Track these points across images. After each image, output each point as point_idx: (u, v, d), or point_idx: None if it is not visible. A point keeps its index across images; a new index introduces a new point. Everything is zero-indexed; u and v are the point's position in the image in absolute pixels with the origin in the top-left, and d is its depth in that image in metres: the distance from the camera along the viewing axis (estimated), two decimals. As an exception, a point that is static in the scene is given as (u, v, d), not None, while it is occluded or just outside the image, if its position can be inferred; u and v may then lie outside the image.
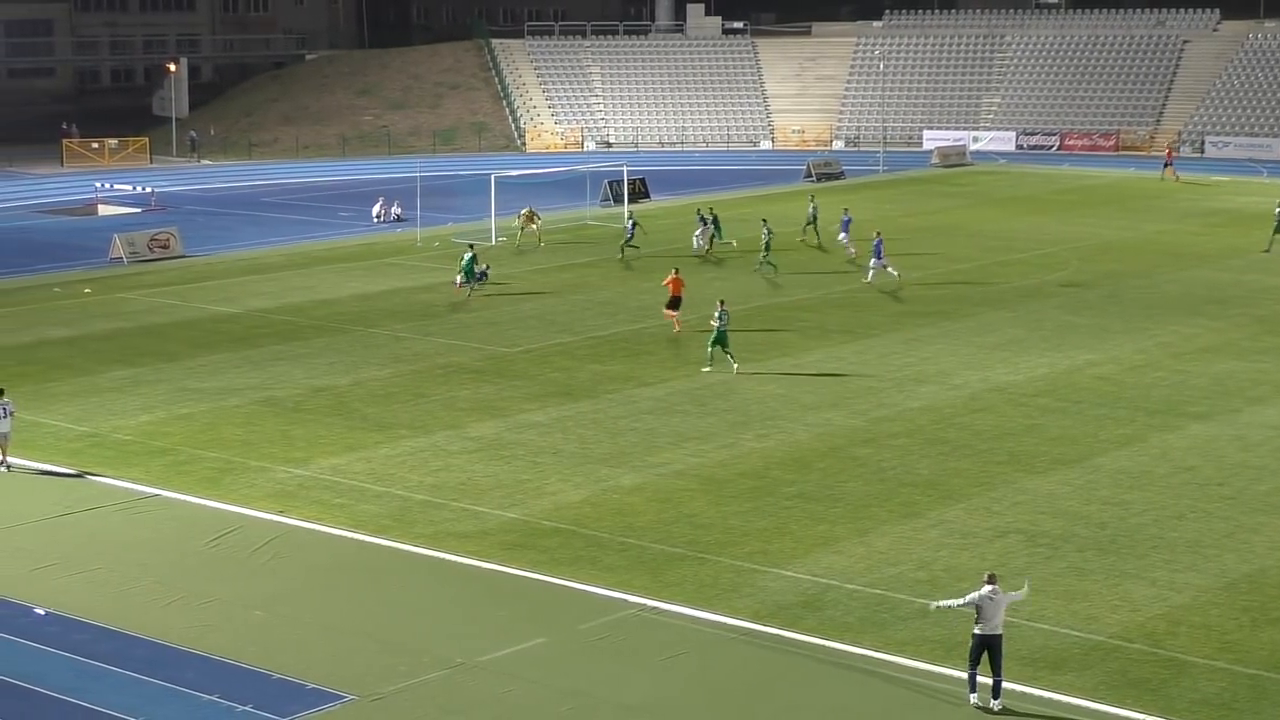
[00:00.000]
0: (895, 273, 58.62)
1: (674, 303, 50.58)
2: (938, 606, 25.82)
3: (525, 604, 29.21)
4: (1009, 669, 25.76)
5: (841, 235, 64.52)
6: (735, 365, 45.47)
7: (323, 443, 39.24)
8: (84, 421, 41.21)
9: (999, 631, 24.92)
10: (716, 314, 45.73)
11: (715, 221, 66.35)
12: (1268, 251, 64.85)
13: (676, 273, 51.53)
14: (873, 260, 58.84)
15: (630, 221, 66.42)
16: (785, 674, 26.22)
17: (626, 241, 64.95)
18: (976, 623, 24.97)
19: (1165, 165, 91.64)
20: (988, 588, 25.00)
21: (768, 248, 60.88)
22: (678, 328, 50.44)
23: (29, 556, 31.56)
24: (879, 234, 60.59)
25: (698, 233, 66.08)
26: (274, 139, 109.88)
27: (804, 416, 41.32)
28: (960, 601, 25.34)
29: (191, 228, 72.59)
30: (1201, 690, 25.40)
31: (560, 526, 33.14)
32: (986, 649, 24.89)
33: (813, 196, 72.54)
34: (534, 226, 68.23)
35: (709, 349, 45.86)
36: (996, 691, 24.88)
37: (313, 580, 30.44)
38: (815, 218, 67.73)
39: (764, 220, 62.70)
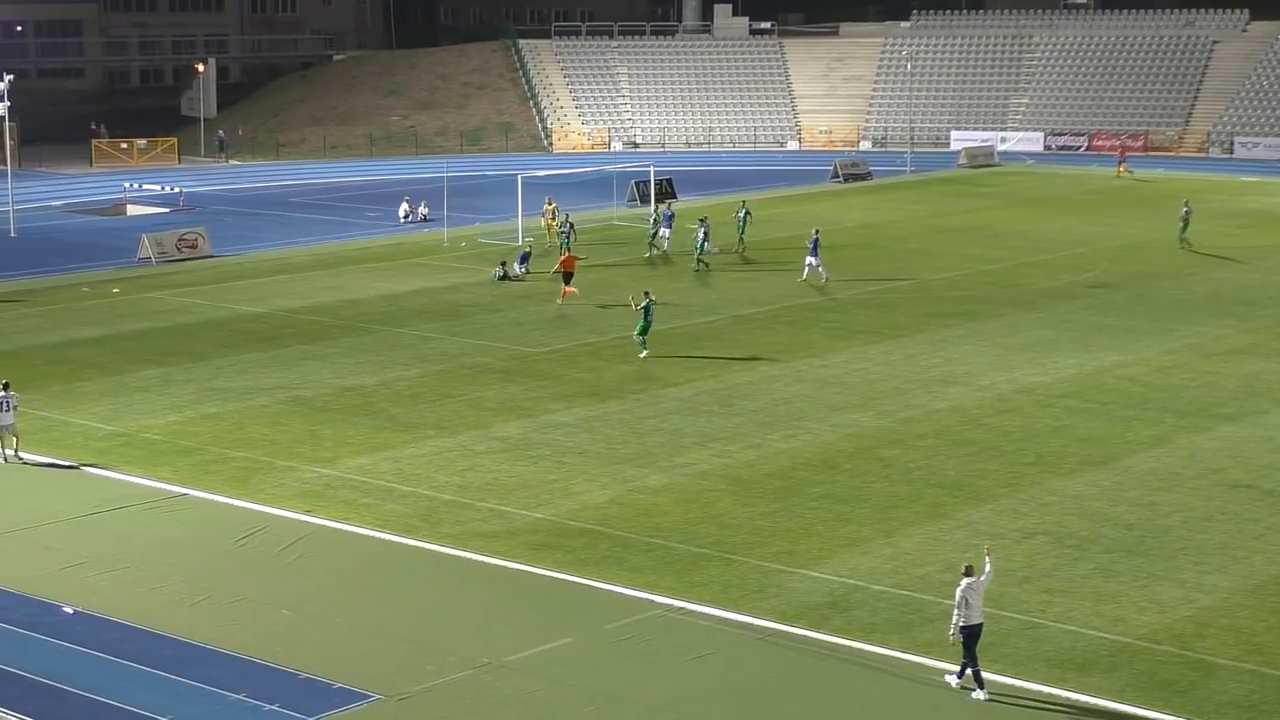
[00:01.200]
0: (825, 274, 58.51)
1: (566, 278, 55.54)
2: (954, 636, 25.60)
3: (551, 604, 29.24)
4: (1035, 669, 25.80)
5: (701, 242, 62.44)
6: (645, 353, 47.40)
7: (350, 442, 39.34)
8: (113, 421, 41.37)
9: (981, 620, 25.32)
10: (643, 304, 47.88)
11: (666, 219, 66.16)
12: (1182, 249, 65.10)
13: (569, 252, 57.61)
14: (808, 258, 58.62)
15: (566, 226, 63.05)
16: (811, 675, 26.22)
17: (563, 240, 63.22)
18: (960, 616, 25.26)
19: (1119, 163, 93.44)
20: (965, 580, 25.26)
21: (700, 246, 61.56)
22: (562, 300, 55.00)
23: (58, 555, 31.69)
24: (817, 231, 60.45)
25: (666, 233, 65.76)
26: (302, 139, 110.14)
27: (831, 417, 41.29)
28: (956, 612, 25.37)
29: (219, 228, 72.81)
30: (1230, 692, 25.32)
31: (586, 527, 33.16)
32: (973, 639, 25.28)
33: (744, 202, 71.10)
34: (557, 224, 67.84)
35: (636, 337, 47.80)
36: (962, 671, 25.29)
37: (340, 580, 30.51)
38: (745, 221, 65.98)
39: (702, 220, 62.69)
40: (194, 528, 33.44)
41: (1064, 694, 25.28)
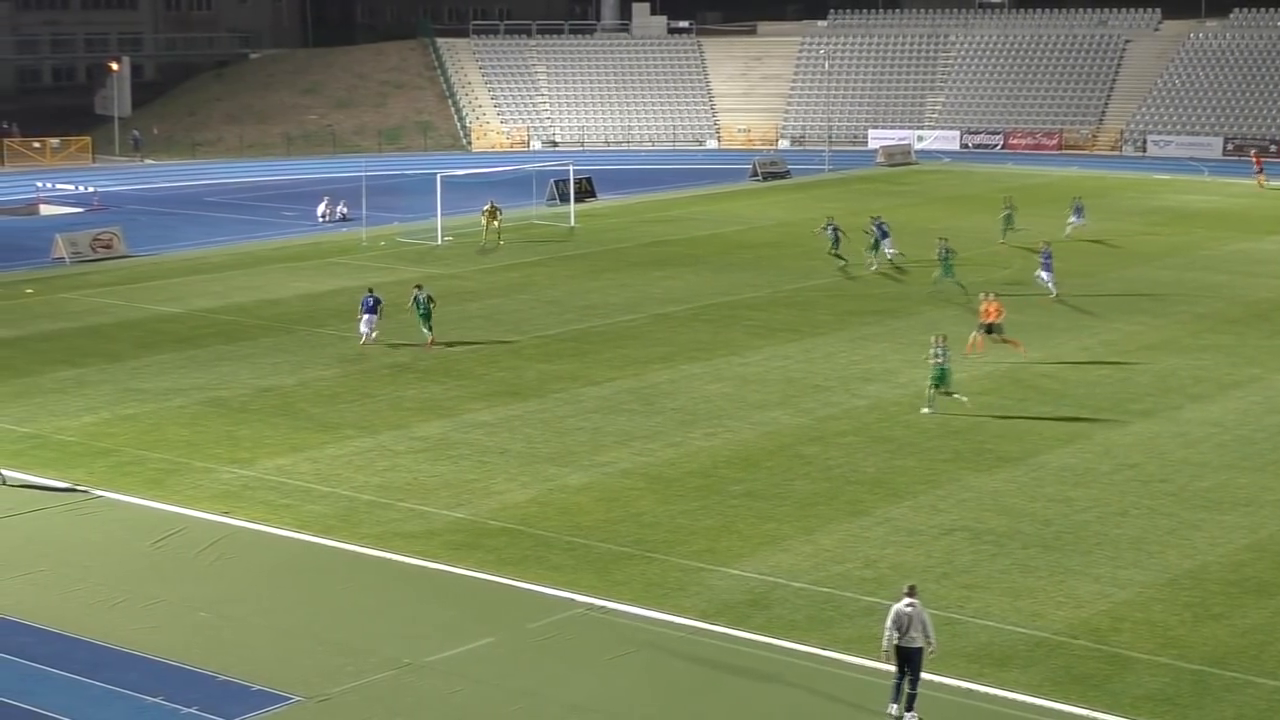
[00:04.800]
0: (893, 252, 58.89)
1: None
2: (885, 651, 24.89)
3: (473, 604, 29.17)
4: (953, 665, 25.96)
5: None
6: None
7: (268, 443, 39.07)
8: (27, 422, 40.89)
9: (917, 645, 24.36)
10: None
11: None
12: (1003, 243, 66.28)
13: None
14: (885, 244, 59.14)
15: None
16: (732, 672, 26.28)
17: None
18: (894, 634, 24.46)
19: (1258, 172, 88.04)
20: (904, 600, 24.49)
21: None
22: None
23: (-29, 559, 31.31)
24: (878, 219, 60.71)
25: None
26: (218, 138, 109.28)
27: (751, 415, 41.40)
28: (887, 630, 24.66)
29: (135, 227, 72.13)
30: (1145, 686, 25.59)
31: (507, 526, 33.10)
32: (906, 662, 24.36)
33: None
34: (495, 224, 67.95)
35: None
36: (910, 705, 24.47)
37: (258, 581, 30.31)
38: None
39: None
40: (110, 530, 33.11)
41: (982, 689, 25.47)
